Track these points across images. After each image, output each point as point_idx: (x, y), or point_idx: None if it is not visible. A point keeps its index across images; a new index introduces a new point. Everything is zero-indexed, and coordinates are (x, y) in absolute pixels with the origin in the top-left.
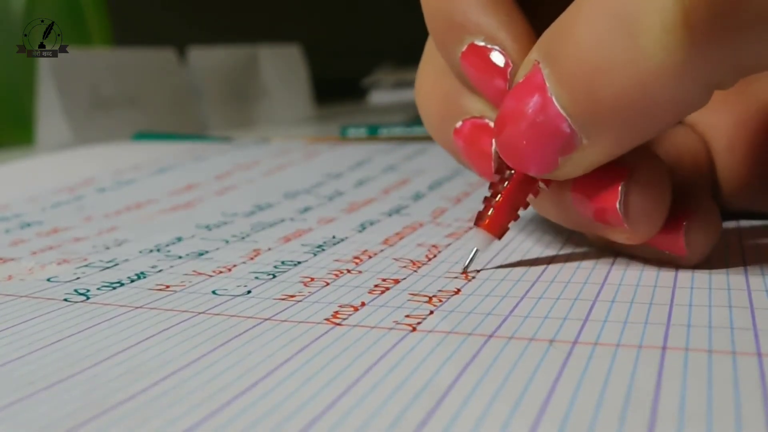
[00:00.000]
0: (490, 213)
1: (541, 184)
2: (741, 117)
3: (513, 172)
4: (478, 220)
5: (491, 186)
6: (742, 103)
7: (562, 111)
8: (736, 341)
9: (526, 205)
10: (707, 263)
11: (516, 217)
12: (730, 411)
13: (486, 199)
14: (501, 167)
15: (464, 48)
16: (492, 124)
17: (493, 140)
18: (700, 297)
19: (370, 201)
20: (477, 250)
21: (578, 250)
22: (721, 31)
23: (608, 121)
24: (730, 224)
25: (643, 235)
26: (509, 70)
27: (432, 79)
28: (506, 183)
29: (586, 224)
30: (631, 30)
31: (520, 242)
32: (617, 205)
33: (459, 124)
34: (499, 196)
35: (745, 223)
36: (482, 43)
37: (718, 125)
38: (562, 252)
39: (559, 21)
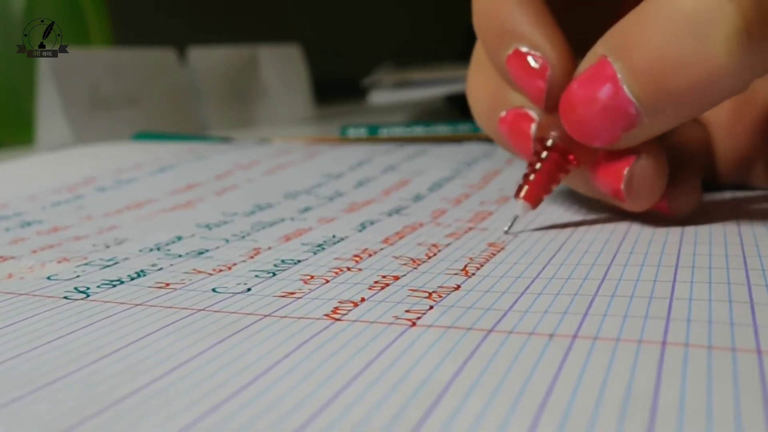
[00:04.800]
0: (528, 187)
1: (571, 165)
2: (739, 105)
3: (548, 154)
4: (518, 192)
5: (529, 165)
6: (742, 94)
7: (631, 97)
8: (736, 337)
9: (557, 182)
10: (707, 258)
11: (549, 191)
12: (729, 407)
13: (525, 176)
14: (537, 150)
15: (510, 52)
16: (531, 114)
17: (532, 125)
18: (700, 291)
19: (370, 202)
20: (516, 217)
21: (581, 247)
22: None
23: (671, 106)
24: (731, 219)
25: (641, 208)
26: (547, 72)
27: (481, 80)
28: (540, 162)
29: (601, 195)
30: (701, 36)
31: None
32: (621, 186)
33: (504, 113)
34: (533, 174)
35: (744, 216)
36: (525, 49)
37: (719, 111)
38: (566, 247)
39: (626, 24)
